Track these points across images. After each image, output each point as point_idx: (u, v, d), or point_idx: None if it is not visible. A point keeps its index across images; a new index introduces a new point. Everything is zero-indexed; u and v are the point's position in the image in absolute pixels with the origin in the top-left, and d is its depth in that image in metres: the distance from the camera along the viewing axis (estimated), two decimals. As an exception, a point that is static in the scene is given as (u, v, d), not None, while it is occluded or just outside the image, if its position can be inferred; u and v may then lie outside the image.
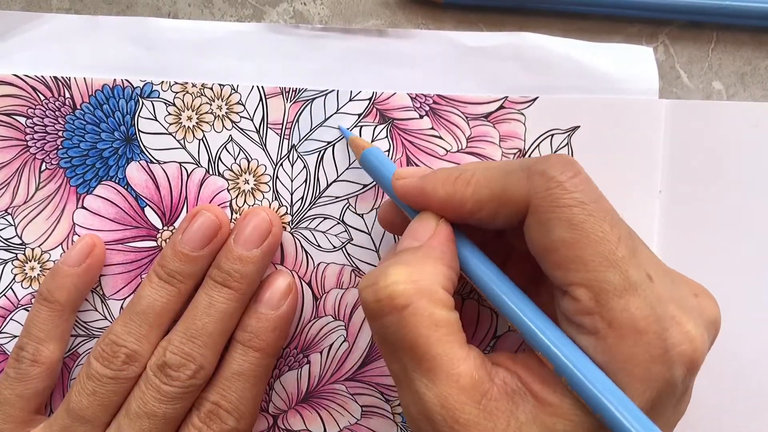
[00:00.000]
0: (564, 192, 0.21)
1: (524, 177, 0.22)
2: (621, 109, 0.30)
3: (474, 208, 0.23)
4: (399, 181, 0.25)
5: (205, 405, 0.28)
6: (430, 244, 0.23)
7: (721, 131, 0.31)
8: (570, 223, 0.21)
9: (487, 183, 0.23)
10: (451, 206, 0.24)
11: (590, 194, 0.21)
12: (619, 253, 0.21)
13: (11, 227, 0.30)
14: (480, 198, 0.23)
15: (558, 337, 0.21)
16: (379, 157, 0.28)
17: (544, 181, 0.22)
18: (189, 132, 0.30)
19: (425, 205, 0.25)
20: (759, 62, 0.32)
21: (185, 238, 0.28)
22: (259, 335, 0.28)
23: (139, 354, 0.28)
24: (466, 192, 0.23)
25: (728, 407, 0.31)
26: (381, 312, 0.22)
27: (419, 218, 0.25)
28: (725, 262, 0.31)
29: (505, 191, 0.22)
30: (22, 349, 0.29)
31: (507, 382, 0.22)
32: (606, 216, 0.21)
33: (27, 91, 0.30)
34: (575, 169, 0.22)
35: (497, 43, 0.31)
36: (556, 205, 0.21)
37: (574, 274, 0.21)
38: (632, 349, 0.20)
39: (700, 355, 0.21)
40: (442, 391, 0.21)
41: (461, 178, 0.24)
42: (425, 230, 0.24)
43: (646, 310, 0.20)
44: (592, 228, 0.21)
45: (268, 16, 0.32)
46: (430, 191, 0.24)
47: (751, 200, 0.31)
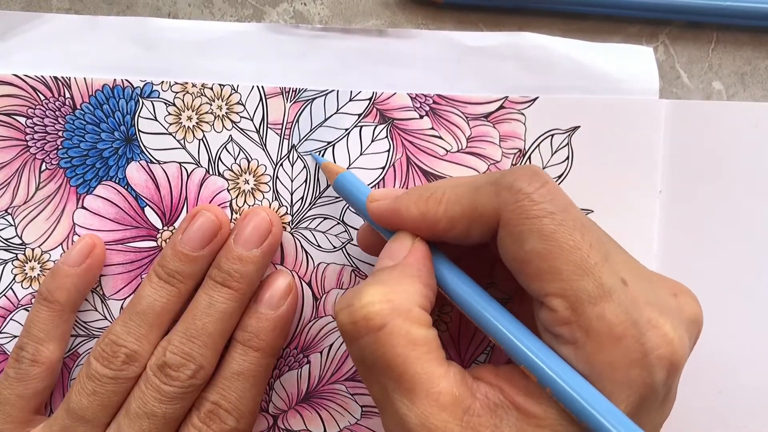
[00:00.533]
0: (532, 203, 0.21)
1: (493, 191, 0.22)
2: (621, 109, 0.30)
3: (447, 225, 0.23)
4: (373, 203, 0.26)
5: (205, 405, 0.28)
6: (405, 262, 0.23)
7: (721, 131, 0.31)
8: (540, 233, 0.21)
9: (458, 200, 0.23)
10: (425, 225, 0.24)
11: (559, 203, 0.21)
12: (592, 261, 0.21)
13: (11, 227, 0.30)
14: (452, 215, 0.23)
15: (539, 348, 0.21)
16: (352, 181, 0.28)
17: (512, 194, 0.22)
18: (189, 132, 0.30)
19: (399, 226, 0.25)
20: (759, 62, 0.32)
21: (185, 238, 0.28)
22: (259, 335, 0.28)
23: (138, 354, 0.28)
24: (439, 210, 0.23)
25: (726, 407, 0.31)
26: (357, 334, 0.22)
27: (395, 238, 0.25)
28: (725, 261, 0.31)
29: (476, 207, 0.23)
30: (22, 349, 0.29)
31: (489, 396, 0.21)
32: (576, 224, 0.21)
33: (27, 91, 0.30)
34: (542, 179, 0.22)
35: (497, 43, 0.31)
36: (526, 216, 0.21)
37: (548, 285, 0.21)
38: (611, 356, 0.20)
39: (680, 357, 0.21)
40: (423, 410, 0.20)
41: (433, 197, 0.24)
42: (401, 249, 0.24)
43: (621, 315, 0.20)
44: (562, 237, 0.21)
45: (268, 16, 0.32)
46: (404, 211, 0.24)
47: (751, 200, 0.31)
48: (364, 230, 0.28)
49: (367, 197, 0.26)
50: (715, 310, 0.31)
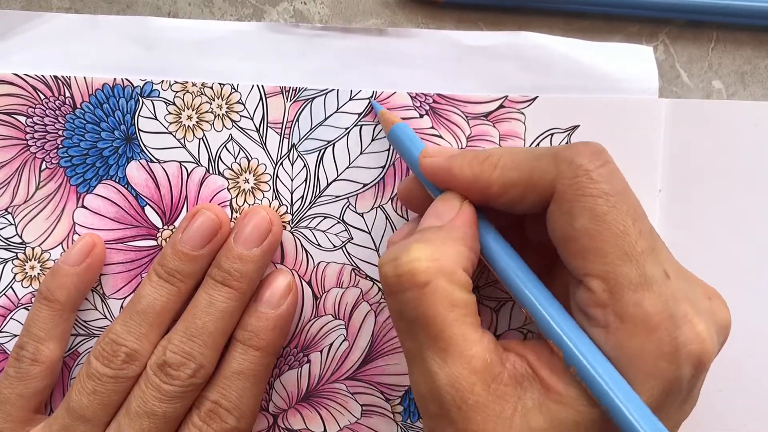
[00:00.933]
0: (590, 181, 0.21)
1: (552, 163, 0.22)
2: (621, 108, 0.30)
3: (500, 191, 0.23)
4: (426, 159, 0.25)
5: (206, 404, 0.28)
6: (452, 224, 0.23)
7: (721, 130, 0.31)
8: (593, 213, 0.21)
9: (515, 166, 0.23)
10: (477, 187, 0.24)
11: (616, 185, 0.21)
12: (639, 248, 0.21)
13: (11, 226, 0.30)
14: (506, 181, 0.23)
15: (570, 327, 0.21)
16: (407, 132, 0.28)
17: (571, 169, 0.22)
18: (189, 131, 0.30)
19: (451, 185, 0.24)
20: (759, 61, 0.32)
21: (185, 237, 0.28)
22: (259, 334, 0.28)
23: (139, 353, 0.28)
24: (493, 174, 0.23)
25: (726, 406, 0.31)
26: (400, 287, 0.22)
27: (443, 198, 0.25)
28: (725, 260, 0.31)
29: (532, 176, 0.22)
30: (23, 348, 0.28)
31: (517, 367, 0.22)
32: (629, 209, 0.21)
33: (27, 90, 0.30)
34: (604, 158, 0.22)
35: (497, 43, 0.31)
36: (581, 194, 0.21)
37: (591, 265, 0.21)
38: (642, 345, 0.20)
39: (708, 356, 0.21)
40: (454, 371, 0.21)
41: (488, 161, 0.24)
42: (449, 210, 0.24)
43: (659, 306, 0.20)
44: (614, 220, 0.21)
45: (268, 15, 0.32)
46: (457, 171, 0.24)
47: (751, 199, 0.31)
48: (409, 182, 0.28)
49: (421, 152, 0.26)
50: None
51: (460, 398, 0.21)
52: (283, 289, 0.29)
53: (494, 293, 0.30)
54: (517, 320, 0.31)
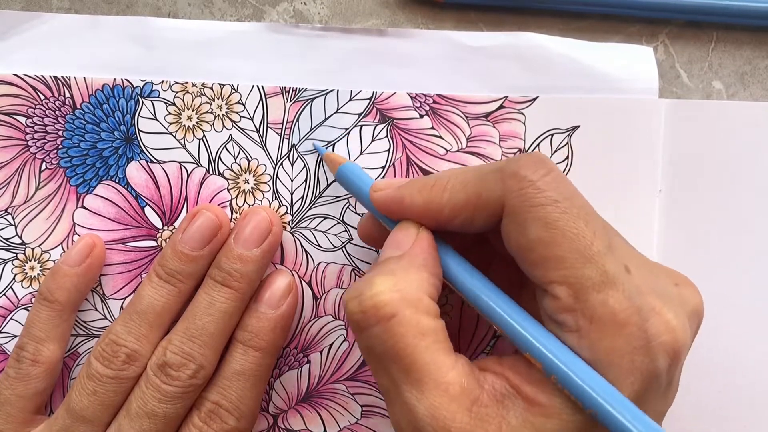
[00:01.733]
0: (536, 191, 0.21)
1: (498, 178, 0.22)
2: (621, 108, 0.30)
3: (451, 213, 0.23)
4: (376, 192, 0.25)
5: (206, 404, 0.28)
6: (412, 252, 0.23)
7: (721, 131, 0.31)
8: (544, 221, 0.21)
9: (462, 187, 0.23)
10: (429, 213, 0.24)
11: (563, 191, 0.21)
12: (595, 248, 0.21)
13: (11, 227, 0.30)
14: (456, 203, 0.23)
15: (544, 336, 0.21)
16: (354, 171, 0.28)
17: (516, 182, 0.22)
18: (189, 131, 0.30)
19: (404, 215, 0.25)
20: (759, 62, 0.32)
21: (185, 237, 0.28)
22: (259, 335, 0.28)
23: (139, 354, 0.28)
24: (443, 198, 0.23)
25: (726, 406, 0.31)
26: (367, 323, 0.22)
27: (400, 227, 0.25)
28: (725, 260, 0.31)
29: (480, 195, 0.23)
30: (23, 349, 0.28)
31: (496, 387, 0.21)
32: (580, 212, 0.21)
33: (27, 90, 0.30)
34: (547, 167, 0.22)
35: (497, 43, 0.31)
36: (530, 204, 0.21)
37: (552, 272, 0.21)
38: (614, 343, 0.20)
39: (682, 344, 0.21)
40: (432, 401, 0.20)
41: (437, 185, 0.24)
42: (406, 238, 0.24)
43: (625, 302, 0.20)
44: (566, 225, 0.21)
45: (268, 15, 0.32)
46: (408, 200, 0.24)
47: (751, 199, 0.31)
48: (365, 221, 0.28)
49: (371, 187, 0.26)
50: (715, 309, 0.30)
51: (443, 428, 0.20)
52: (283, 289, 0.29)
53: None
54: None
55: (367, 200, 0.26)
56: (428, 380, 0.21)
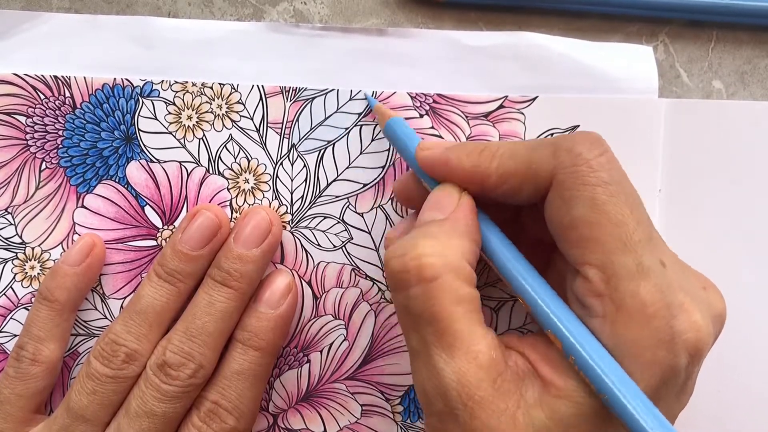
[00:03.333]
0: (589, 170, 0.21)
1: (550, 152, 0.22)
2: (621, 108, 0.30)
3: (498, 181, 0.23)
4: (424, 151, 0.25)
5: (205, 404, 0.27)
6: (455, 217, 0.23)
7: (721, 130, 0.30)
8: (592, 202, 0.21)
9: (513, 156, 0.23)
10: (475, 178, 0.23)
11: (615, 175, 0.21)
12: (636, 238, 0.20)
13: (11, 226, 0.30)
14: (505, 171, 0.23)
15: (568, 318, 0.21)
16: (403, 126, 0.27)
17: (570, 158, 0.21)
18: (189, 131, 0.30)
19: (449, 177, 0.24)
20: (759, 61, 0.32)
21: (185, 237, 0.28)
22: (258, 334, 0.27)
23: (138, 353, 0.27)
24: (492, 165, 0.23)
25: (730, 403, 0.30)
26: (408, 283, 0.21)
27: (442, 189, 0.24)
28: (725, 260, 0.30)
29: (531, 165, 0.22)
30: (22, 349, 0.28)
31: (518, 364, 0.21)
32: (628, 199, 0.21)
33: (27, 90, 0.30)
34: (602, 147, 0.22)
35: (497, 43, 0.30)
36: (581, 182, 0.21)
37: (589, 255, 0.21)
38: (639, 334, 0.20)
39: (704, 345, 0.21)
40: (461, 367, 0.20)
41: (487, 151, 0.23)
42: (449, 202, 0.23)
43: (656, 295, 0.20)
44: (612, 209, 0.20)
45: (268, 15, 0.31)
46: (455, 162, 0.24)
47: (750, 199, 0.30)
48: (406, 179, 0.27)
49: (418, 145, 0.25)
50: (715, 309, 0.30)
51: (467, 394, 0.20)
52: (283, 289, 0.29)
53: (494, 293, 0.30)
54: (517, 320, 0.30)
55: (413, 158, 0.25)
56: (460, 346, 0.20)
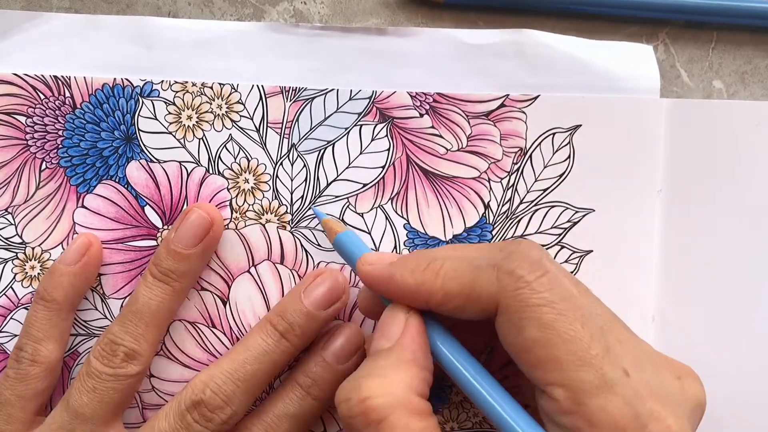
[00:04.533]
0: (532, 292, 0.21)
1: (493, 276, 0.22)
2: (622, 107, 0.29)
3: (443, 299, 0.22)
4: (365, 266, 0.24)
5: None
6: (401, 344, 0.22)
7: (722, 130, 0.30)
8: (540, 322, 0.20)
9: (456, 275, 0.22)
10: (420, 296, 0.23)
11: (560, 293, 0.21)
12: (593, 351, 0.20)
13: (11, 226, 0.29)
14: (449, 291, 0.22)
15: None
16: (352, 240, 0.26)
17: (512, 281, 0.21)
18: (189, 131, 0.29)
19: (393, 294, 0.23)
20: (759, 61, 0.31)
21: (177, 236, 0.27)
22: (321, 385, 0.27)
23: (137, 352, 0.27)
24: (435, 283, 0.22)
25: (721, 412, 0.30)
26: (356, 428, 0.21)
27: (388, 313, 0.24)
28: (725, 260, 0.30)
29: (474, 288, 0.22)
30: (21, 350, 0.27)
31: None
32: (576, 314, 0.21)
33: (27, 90, 0.29)
34: (543, 268, 0.21)
35: (498, 41, 0.30)
36: (526, 305, 0.21)
37: (549, 374, 0.20)
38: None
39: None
40: None
41: (430, 268, 0.23)
42: (395, 328, 0.23)
43: (624, 408, 0.20)
44: (562, 327, 0.20)
45: (269, 15, 0.31)
46: (399, 279, 0.23)
47: (751, 199, 0.30)
48: (364, 294, 0.26)
49: (359, 259, 0.25)
50: (714, 310, 0.30)
51: None
52: (355, 346, 0.28)
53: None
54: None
55: None
56: None
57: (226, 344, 0.29)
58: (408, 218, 0.29)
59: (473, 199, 0.29)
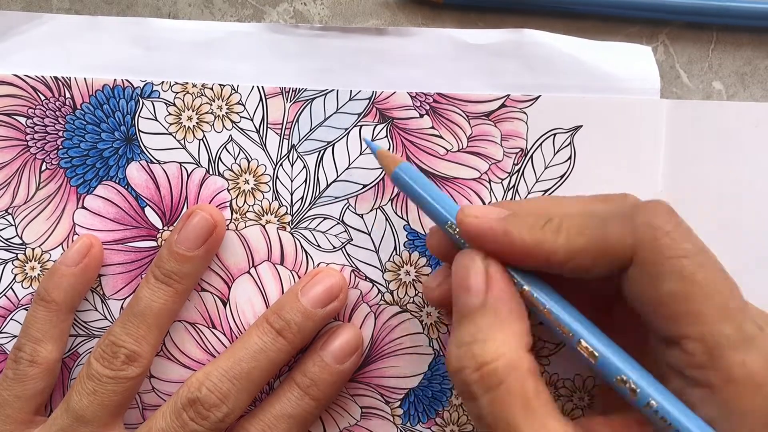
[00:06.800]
0: (672, 242, 0.19)
1: (627, 227, 0.20)
2: (622, 108, 0.29)
3: (565, 257, 0.21)
4: (472, 219, 0.22)
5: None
6: (494, 300, 0.21)
7: (722, 131, 0.29)
8: (681, 275, 0.19)
9: (581, 231, 0.21)
10: (539, 255, 0.21)
11: (697, 243, 0.20)
12: (733, 305, 0.19)
13: (11, 227, 0.29)
14: (574, 247, 0.20)
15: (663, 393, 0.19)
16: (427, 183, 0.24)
17: (650, 231, 0.20)
18: (189, 132, 0.29)
19: (504, 251, 0.21)
20: (759, 62, 0.31)
21: (180, 238, 0.27)
22: (319, 385, 0.26)
23: (138, 354, 0.26)
24: (557, 240, 0.21)
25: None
26: (475, 395, 0.20)
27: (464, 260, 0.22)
28: (725, 261, 0.29)
29: (605, 241, 0.20)
30: (20, 350, 0.27)
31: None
32: (716, 266, 0.20)
33: (27, 91, 0.28)
34: (678, 217, 0.20)
35: (498, 41, 0.29)
36: (666, 256, 0.19)
37: (687, 328, 0.19)
38: (751, 403, 0.18)
39: None
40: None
41: (550, 225, 0.21)
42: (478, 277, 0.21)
43: (763, 362, 0.19)
44: (704, 279, 0.19)
45: (268, 16, 0.30)
46: (516, 237, 0.21)
47: (751, 200, 0.29)
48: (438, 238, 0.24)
49: (459, 210, 0.22)
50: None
51: None
52: (353, 346, 0.27)
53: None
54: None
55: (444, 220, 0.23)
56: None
57: (226, 345, 0.29)
58: (408, 219, 0.29)
59: (474, 200, 0.29)
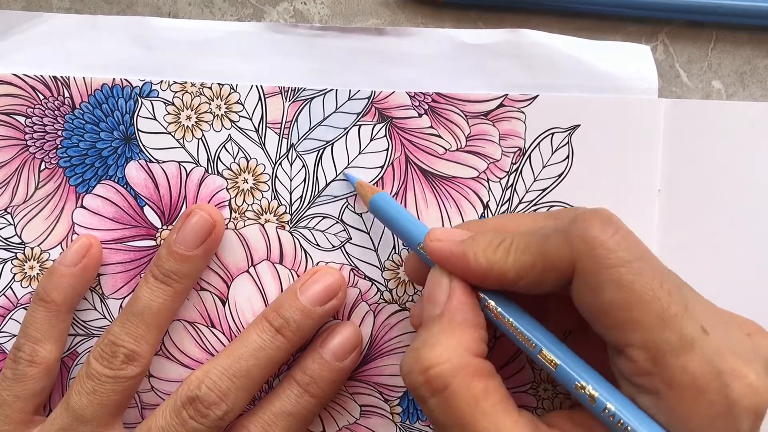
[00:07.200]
0: (608, 252, 0.20)
1: (564, 240, 0.20)
2: (621, 107, 0.28)
3: (516, 276, 0.21)
4: (435, 243, 0.23)
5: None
6: (449, 309, 0.22)
7: (721, 130, 0.29)
8: (619, 284, 0.19)
9: (527, 249, 0.21)
10: (492, 275, 0.22)
11: (634, 251, 0.20)
12: (672, 311, 0.19)
13: (10, 226, 0.29)
14: (522, 266, 0.21)
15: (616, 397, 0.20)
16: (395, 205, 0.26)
17: (585, 243, 0.20)
18: (188, 131, 0.29)
19: (464, 273, 0.22)
20: (758, 62, 0.30)
21: (179, 237, 0.27)
22: (318, 382, 0.26)
23: (137, 354, 0.26)
24: (507, 262, 0.21)
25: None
26: (423, 397, 0.21)
27: (432, 277, 0.23)
28: (724, 261, 0.29)
29: (546, 257, 0.21)
30: (19, 350, 0.27)
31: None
32: (654, 273, 0.20)
33: (26, 90, 0.28)
34: (614, 225, 0.20)
35: (497, 41, 0.29)
36: (603, 266, 0.20)
37: (629, 336, 0.19)
38: (696, 408, 0.19)
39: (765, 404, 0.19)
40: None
41: (503, 245, 0.22)
42: (441, 291, 0.22)
43: (705, 366, 0.19)
44: (641, 287, 0.19)
45: (268, 15, 0.30)
46: (471, 259, 0.22)
47: (749, 199, 0.29)
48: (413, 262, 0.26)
49: (427, 234, 0.24)
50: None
51: None
52: (353, 344, 0.27)
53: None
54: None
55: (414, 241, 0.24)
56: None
57: (225, 344, 0.29)
58: (407, 218, 0.28)
59: (472, 199, 0.28)
